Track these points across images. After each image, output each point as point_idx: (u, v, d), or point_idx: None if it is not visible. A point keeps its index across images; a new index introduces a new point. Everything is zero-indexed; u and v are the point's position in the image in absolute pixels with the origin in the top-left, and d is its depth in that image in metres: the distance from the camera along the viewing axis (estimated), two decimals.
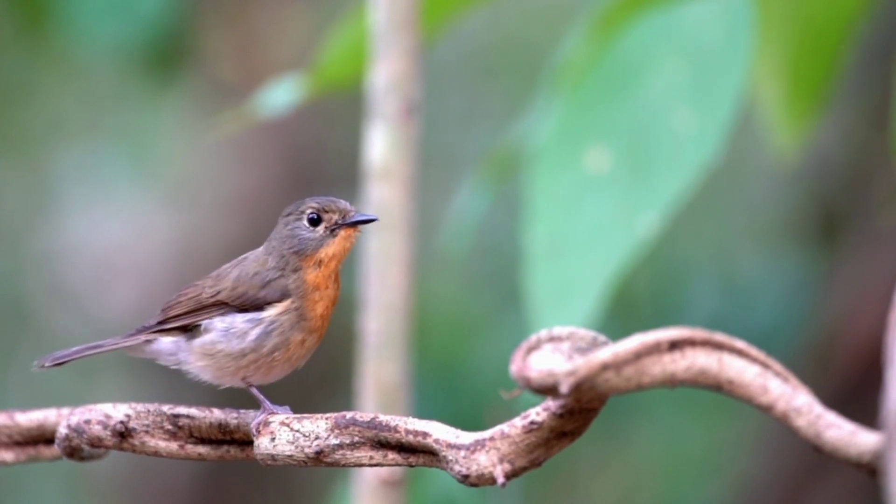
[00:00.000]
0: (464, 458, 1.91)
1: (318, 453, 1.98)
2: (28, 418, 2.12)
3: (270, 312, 2.09)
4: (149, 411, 2.05)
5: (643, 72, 2.83)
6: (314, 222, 2.14)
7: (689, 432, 4.85)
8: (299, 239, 2.12)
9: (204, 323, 2.10)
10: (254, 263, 2.12)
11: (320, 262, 2.11)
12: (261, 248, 2.15)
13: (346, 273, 2.18)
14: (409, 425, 1.94)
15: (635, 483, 4.94)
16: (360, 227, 2.16)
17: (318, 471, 3.04)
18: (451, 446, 1.92)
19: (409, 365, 2.68)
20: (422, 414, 2.10)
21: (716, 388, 1.82)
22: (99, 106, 5.31)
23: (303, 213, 2.14)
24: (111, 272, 5.22)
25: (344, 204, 2.15)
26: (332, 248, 2.13)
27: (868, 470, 1.78)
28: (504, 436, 1.91)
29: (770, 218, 5.01)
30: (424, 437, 1.93)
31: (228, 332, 2.08)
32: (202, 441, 2.05)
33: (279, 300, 2.09)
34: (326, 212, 2.14)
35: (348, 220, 2.14)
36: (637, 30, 2.85)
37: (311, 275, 2.10)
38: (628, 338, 1.82)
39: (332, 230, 2.13)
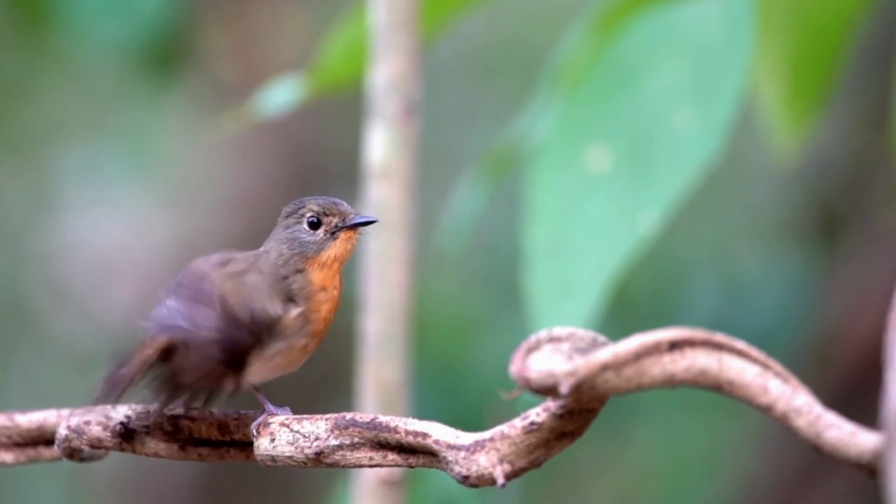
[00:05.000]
0: (464, 458, 1.91)
1: (318, 454, 1.98)
2: (28, 419, 2.12)
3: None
4: (149, 412, 2.04)
5: (643, 71, 2.83)
6: (314, 225, 2.12)
7: (689, 432, 4.85)
8: (300, 242, 2.10)
9: None
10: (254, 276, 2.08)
11: (323, 265, 2.10)
12: (261, 250, 2.12)
13: (346, 273, 2.17)
14: (409, 426, 1.94)
15: (635, 483, 4.94)
16: (361, 228, 2.14)
17: (319, 471, 3.05)
18: (451, 447, 1.92)
19: (409, 365, 2.67)
20: (422, 414, 2.10)
21: (716, 389, 1.82)
22: (99, 106, 5.31)
23: (302, 216, 2.12)
24: (111, 272, 5.22)
25: (344, 206, 2.14)
26: (334, 250, 2.11)
27: (868, 470, 1.78)
28: (504, 436, 1.91)
29: (770, 218, 5.01)
30: (424, 438, 1.93)
31: None
32: (202, 442, 2.04)
33: (286, 311, 2.06)
34: (326, 215, 2.12)
35: (348, 223, 2.13)
36: (637, 30, 2.85)
37: (316, 275, 2.09)
38: (628, 338, 1.81)
39: (333, 233, 2.12)
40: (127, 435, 2.04)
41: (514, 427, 1.91)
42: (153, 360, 1.99)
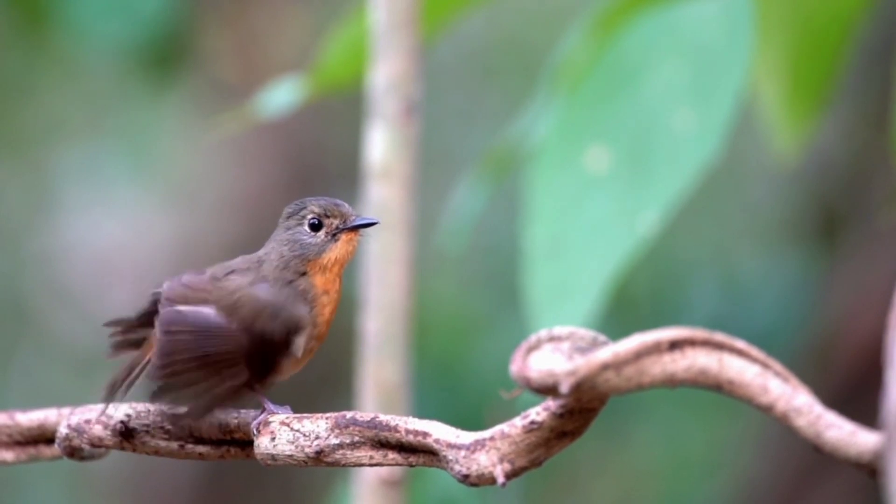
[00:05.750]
0: (464, 457, 1.91)
1: (319, 453, 1.98)
2: (28, 418, 2.12)
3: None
4: (149, 411, 2.04)
5: (643, 71, 2.83)
6: (315, 227, 2.11)
7: (689, 432, 4.85)
8: (301, 244, 2.09)
9: None
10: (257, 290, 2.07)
11: (324, 268, 2.09)
12: (261, 253, 2.11)
13: (346, 273, 2.16)
14: (410, 425, 1.94)
15: (635, 483, 4.94)
16: (362, 230, 2.13)
17: (319, 470, 3.04)
18: (451, 446, 1.92)
19: (409, 365, 2.67)
20: (422, 414, 2.10)
21: (716, 388, 1.82)
22: (99, 106, 5.31)
23: (303, 217, 2.11)
24: (111, 272, 5.22)
25: (346, 207, 2.12)
26: (335, 252, 2.10)
27: (868, 470, 1.78)
28: (504, 436, 1.91)
29: (770, 218, 5.01)
30: (424, 437, 1.93)
31: None
32: (202, 441, 2.04)
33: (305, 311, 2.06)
34: (328, 216, 2.11)
35: (349, 224, 2.12)
36: (637, 30, 2.85)
37: (318, 279, 2.08)
38: (628, 338, 1.81)
39: (334, 235, 2.11)
40: (127, 434, 2.04)
41: (514, 426, 1.91)
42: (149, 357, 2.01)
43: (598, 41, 2.94)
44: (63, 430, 2.07)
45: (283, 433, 2.00)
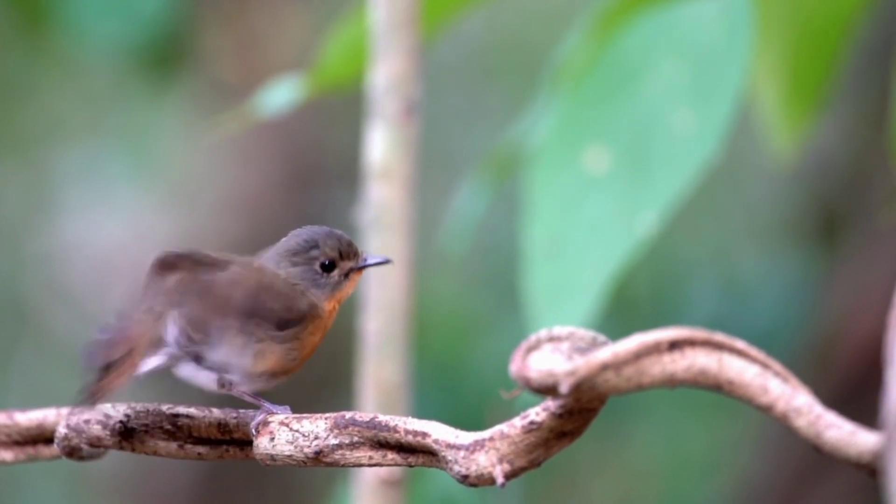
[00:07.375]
0: (463, 458, 1.91)
1: (318, 453, 1.98)
2: (27, 418, 2.12)
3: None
4: (148, 411, 2.04)
5: (643, 72, 2.83)
6: (327, 268, 2.09)
7: (689, 432, 4.85)
8: (314, 285, 2.07)
9: None
10: None
11: (334, 305, 2.08)
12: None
13: None
14: (409, 425, 1.94)
15: (635, 483, 4.94)
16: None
17: (318, 470, 3.05)
18: (450, 446, 1.92)
19: (409, 365, 2.67)
20: (422, 414, 2.10)
21: (716, 389, 1.82)
22: (99, 106, 5.31)
23: (314, 259, 2.09)
24: (111, 272, 5.22)
25: (355, 245, 2.10)
26: (347, 291, 2.10)
27: (868, 470, 1.78)
28: (503, 436, 1.91)
29: (770, 218, 5.01)
30: (424, 438, 1.93)
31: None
32: (201, 441, 2.04)
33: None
34: (342, 258, 2.09)
35: (361, 265, 2.11)
36: (637, 30, 2.85)
37: (321, 313, 2.07)
38: (628, 338, 1.81)
39: (346, 275, 2.09)
40: (126, 433, 2.04)
41: (513, 426, 1.91)
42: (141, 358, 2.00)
43: (598, 41, 2.94)
44: (62, 430, 2.07)
45: (283, 433, 1.99)
